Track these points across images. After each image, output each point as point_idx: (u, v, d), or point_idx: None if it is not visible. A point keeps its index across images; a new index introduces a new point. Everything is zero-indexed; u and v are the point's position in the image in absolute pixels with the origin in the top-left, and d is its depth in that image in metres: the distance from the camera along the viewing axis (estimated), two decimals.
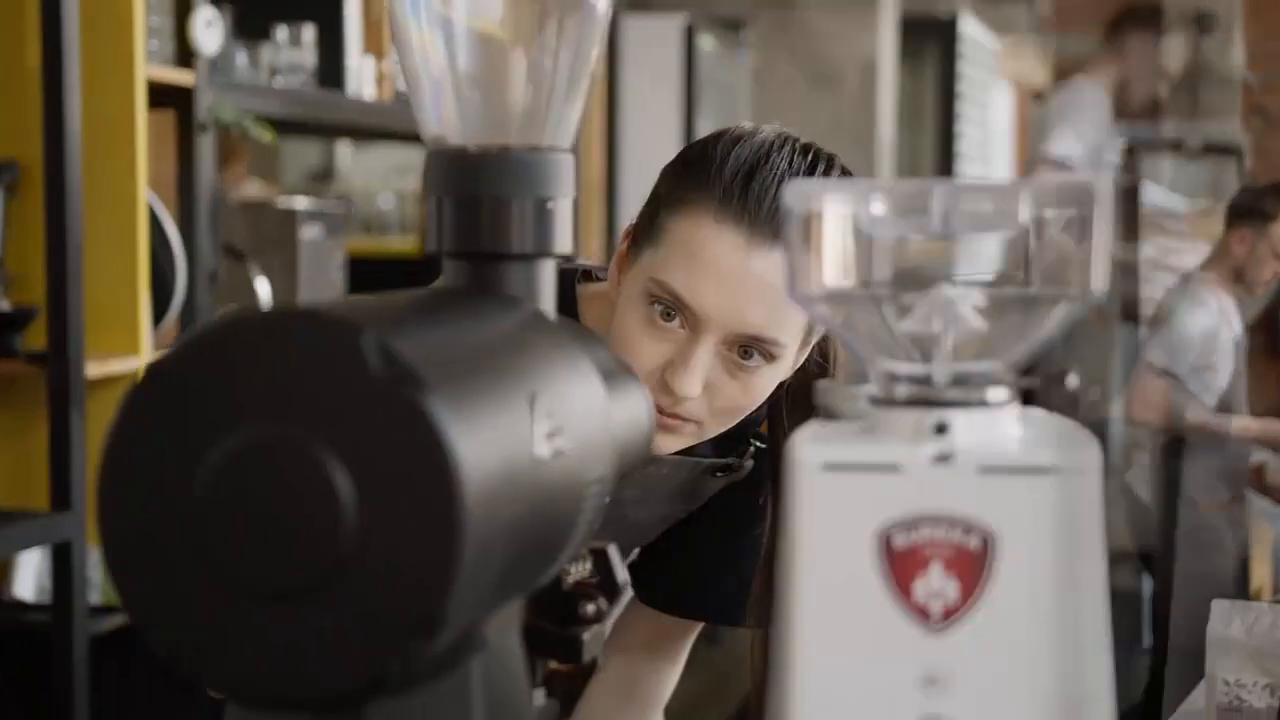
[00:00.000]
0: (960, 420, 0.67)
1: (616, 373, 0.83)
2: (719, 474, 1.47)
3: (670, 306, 1.29)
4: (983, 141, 8.40)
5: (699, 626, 1.61)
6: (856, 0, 6.18)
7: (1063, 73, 10.04)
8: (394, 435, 0.60)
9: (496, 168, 0.78)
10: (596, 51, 0.80)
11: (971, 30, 7.99)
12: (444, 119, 0.79)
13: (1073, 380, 4.62)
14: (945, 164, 7.69)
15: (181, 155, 2.76)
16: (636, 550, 1.55)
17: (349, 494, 0.60)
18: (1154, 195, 4.43)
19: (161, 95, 2.74)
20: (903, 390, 0.69)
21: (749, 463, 1.48)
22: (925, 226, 0.68)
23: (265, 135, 2.82)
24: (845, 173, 1.36)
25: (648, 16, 5.49)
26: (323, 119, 3.41)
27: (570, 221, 0.80)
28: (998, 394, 0.68)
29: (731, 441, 1.45)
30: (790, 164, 1.31)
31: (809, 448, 0.67)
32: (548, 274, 0.79)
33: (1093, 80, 4.53)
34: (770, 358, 1.30)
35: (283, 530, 0.60)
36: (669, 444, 1.34)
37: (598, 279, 1.48)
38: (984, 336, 0.69)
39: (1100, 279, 0.67)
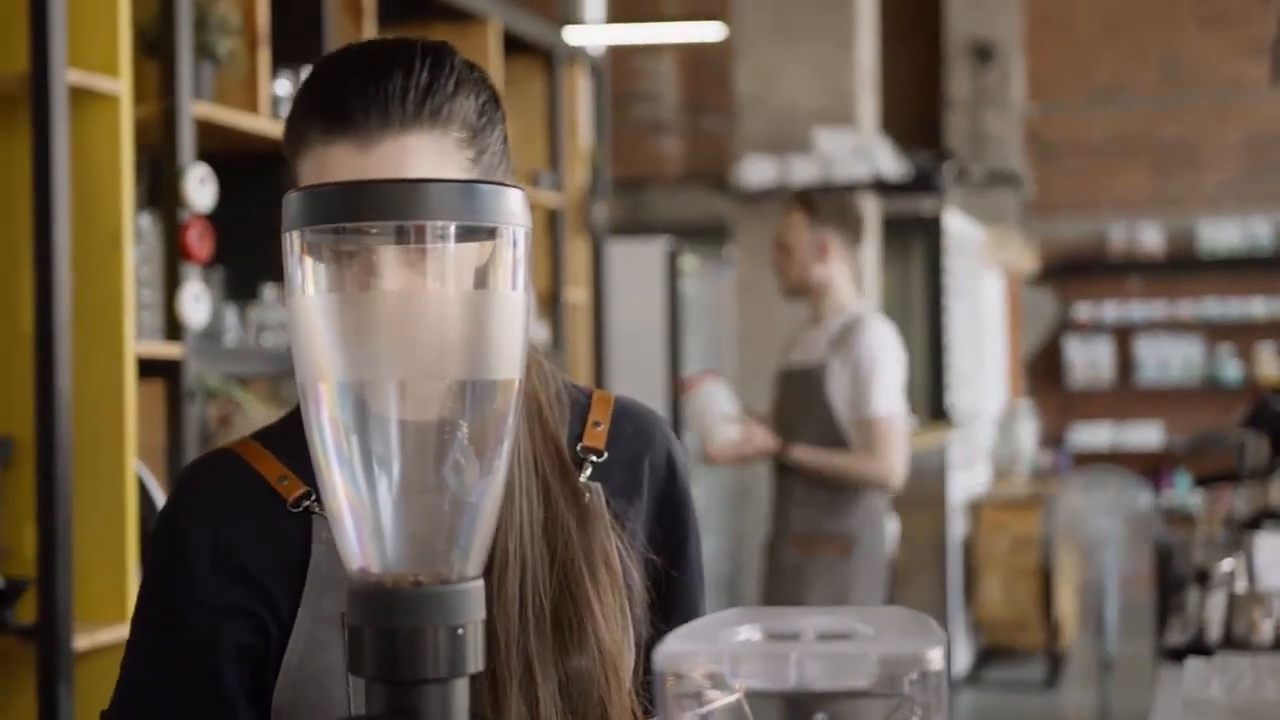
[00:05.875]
0: None
1: None
2: None
3: None
4: (974, 329, 8.50)
5: None
6: None
7: (1050, 256, 10.21)
8: None
9: (411, 601, 0.86)
10: (498, 493, 0.89)
11: (956, 224, 8.13)
12: (365, 553, 0.88)
13: None
14: (935, 356, 7.77)
15: (170, 423, 2.86)
16: None
17: None
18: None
19: (151, 367, 2.84)
20: None
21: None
22: (784, 681, 0.75)
23: (248, 400, 2.92)
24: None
25: (632, 241, 5.63)
26: None
27: (481, 640, 0.88)
28: None
29: None
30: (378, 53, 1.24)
31: None
32: (460, 693, 0.87)
33: None
34: None
35: None
36: None
37: None
38: None
39: None
